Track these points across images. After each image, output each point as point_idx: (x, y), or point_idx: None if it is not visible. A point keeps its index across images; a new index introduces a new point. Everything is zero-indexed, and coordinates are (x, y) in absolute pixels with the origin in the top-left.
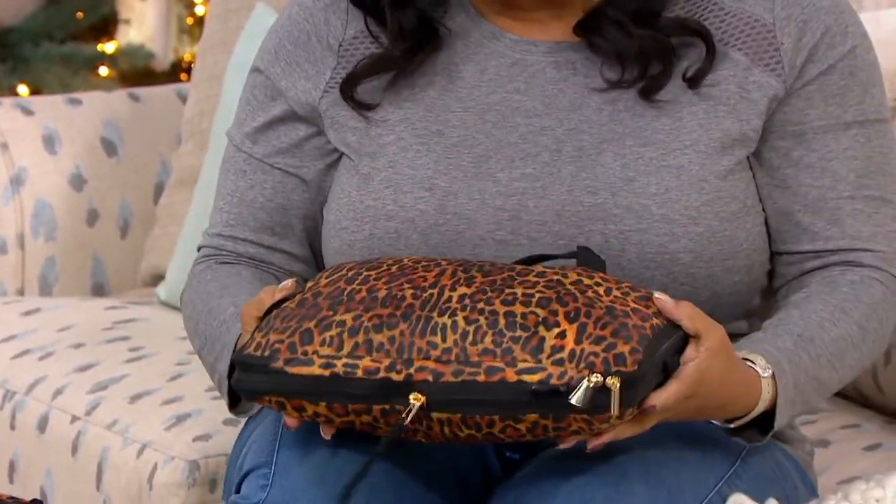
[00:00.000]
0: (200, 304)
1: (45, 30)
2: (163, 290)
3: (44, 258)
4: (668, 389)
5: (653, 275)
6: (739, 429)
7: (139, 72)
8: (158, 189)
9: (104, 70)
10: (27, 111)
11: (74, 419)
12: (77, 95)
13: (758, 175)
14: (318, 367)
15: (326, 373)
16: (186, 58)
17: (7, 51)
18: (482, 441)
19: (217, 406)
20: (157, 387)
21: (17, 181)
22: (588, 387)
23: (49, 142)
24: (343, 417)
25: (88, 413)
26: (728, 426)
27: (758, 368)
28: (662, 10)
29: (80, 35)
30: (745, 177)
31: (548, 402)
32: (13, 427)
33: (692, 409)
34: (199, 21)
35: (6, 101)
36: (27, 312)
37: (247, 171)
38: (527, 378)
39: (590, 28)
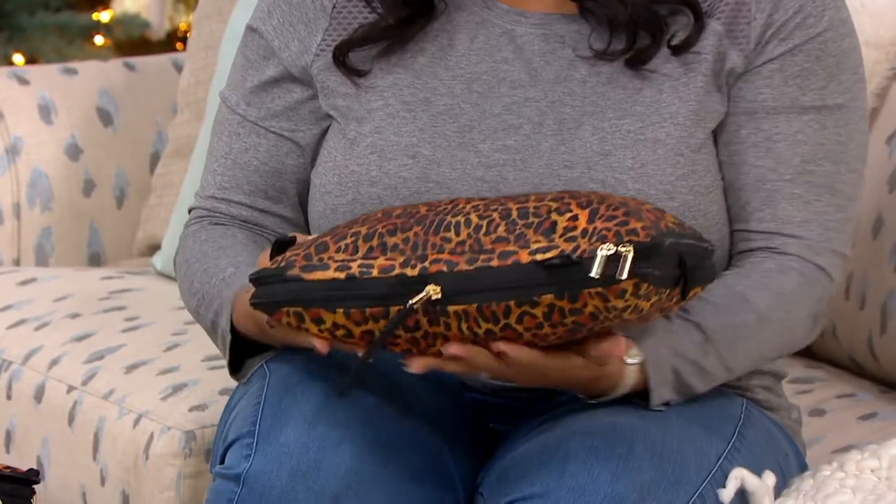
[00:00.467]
0: (196, 264)
1: None
2: (159, 260)
3: (40, 228)
4: (531, 353)
5: None
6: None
7: (134, 41)
8: (154, 158)
9: (100, 39)
10: (23, 80)
11: (71, 389)
12: (73, 65)
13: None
14: (334, 271)
15: (342, 275)
16: (182, 27)
17: (2, 20)
18: (500, 339)
19: (213, 376)
20: (154, 357)
21: (13, 151)
22: (601, 256)
23: (45, 111)
24: (362, 326)
25: (85, 383)
26: (590, 401)
27: (626, 356)
28: None
29: (76, 4)
30: (713, 149)
31: (562, 277)
32: (9, 397)
33: (547, 381)
34: None
35: (1, 71)
36: (23, 282)
37: (241, 134)
38: (540, 257)
39: None
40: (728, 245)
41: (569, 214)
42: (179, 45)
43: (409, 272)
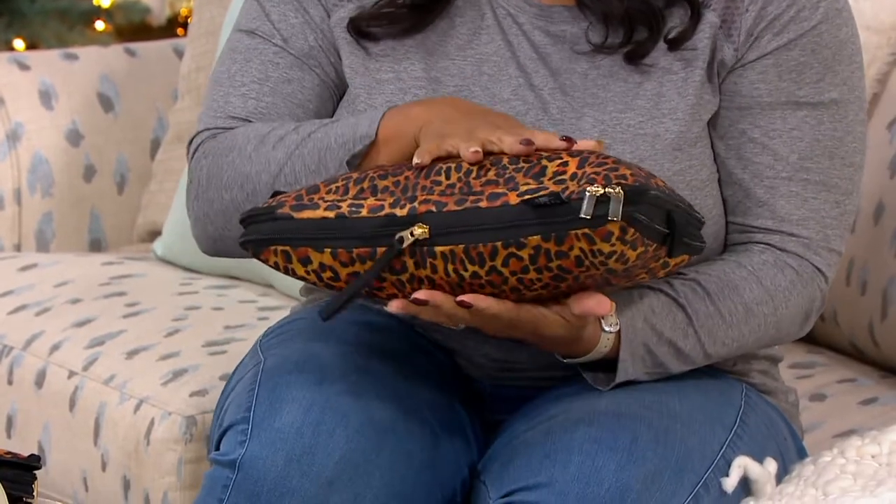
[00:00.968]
0: (269, 126)
1: None
2: (159, 246)
3: (41, 214)
4: (498, 304)
5: None
6: (584, 366)
7: (135, 26)
8: (155, 144)
9: (100, 25)
10: (23, 66)
11: (72, 374)
12: (73, 50)
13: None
14: (324, 210)
15: (331, 214)
16: (183, 12)
17: (3, 5)
18: (485, 284)
19: (214, 361)
20: (154, 342)
21: (14, 136)
22: (590, 195)
23: (45, 97)
24: (348, 267)
25: (85, 368)
26: (562, 360)
27: (604, 325)
28: None
29: None
30: (709, 142)
31: (549, 217)
32: (10, 382)
33: (518, 333)
34: None
35: (2, 56)
36: (24, 268)
37: (280, 64)
38: (528, 198)
39: None
40: (723, 237)
41: (559, 161)
42: (180, 31)
43: (398, 212)
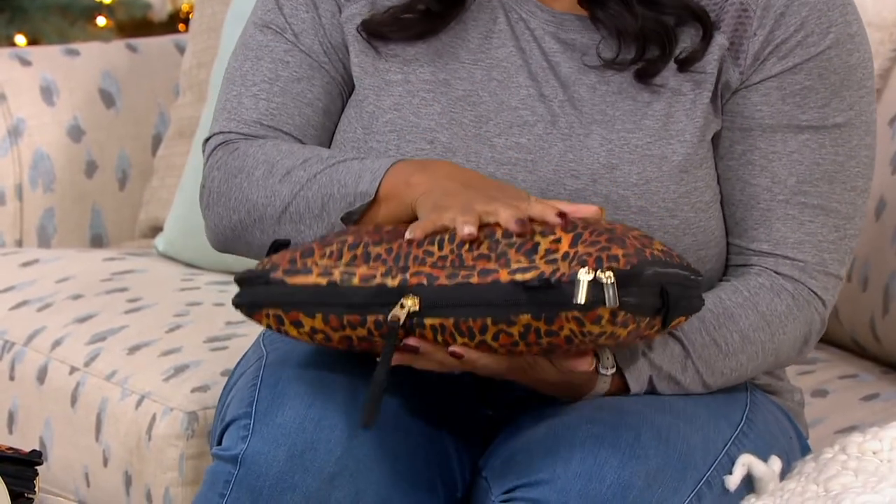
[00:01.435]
0: (277, 152)
1: None
2: (161, 242)
3: (42, 209)
4: (488, 358)
5: None
6: None
7: (137, 22)
8: (156, 140)
9: (102, 20)
10: (25, 62)
11: (73, 370)
12: (75, 46)
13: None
14: (316, 276)
15: (324, 281)
16: (184, 8)
17: (5, 1)
18: (475, 352)
19: (215, 357)
20: (156, 338)
21: (15, 132)
22: (582, 281)
23: (47, 93)
24: (340, 332)
25: (87, 364)
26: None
27: (600, 367)
28: None
29: None
30: (713, 163)
31: (539, 299)
32: (12, 378)
33: (511, 376)
34: None
35: (4, 52)
36: (26, 263)
37: (290, 63)
38: (519, 277)
39: (594, 0)
40: (725, 257)
41: (552, 237)
42: (182, 27)
43: (390, 282)
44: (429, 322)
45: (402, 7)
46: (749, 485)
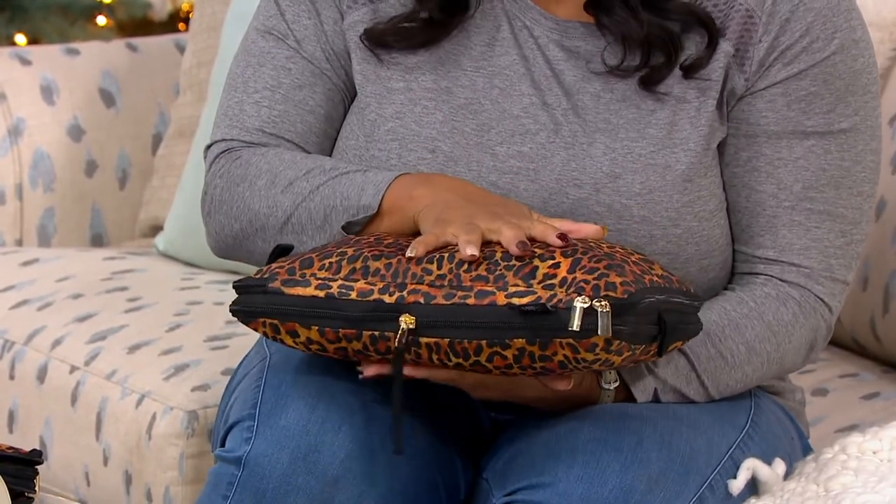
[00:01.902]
0: (280, 161)
1: None
2: (161, 241)
3: (42, 209)
4: (471, 376)
5: None
6: None
7: (137, 22)
8: (157, 140)
9: (102, 20)
10: (25, 61)
11: (73, 369)
12: (75, 45)
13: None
14: (314, 288)
15: (321, 294)
16: (184, 8)
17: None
18: (469, 372)
19: (215, 356)
20: (156, 337)
21: (16, 132)
22: (578, 308)
23: (47, 92)
24: (335, 344)
25: (87, 363)
26: None
27: (602, 382)
28: None
29: None
30: (718, 171)
31: (535, 323)
32: (12, 377)
33: (501, 394)
34: None
35: (4, 51)
36: (26, 263)
37: (292, 70)
38: (516, 301)
39: (600, 6)
40: (730, 265)
41: (551, 262)
42: (182, 26)
43: (387, 299)
44: (424, 340)
45: (405, 16)
46: (752, 487)
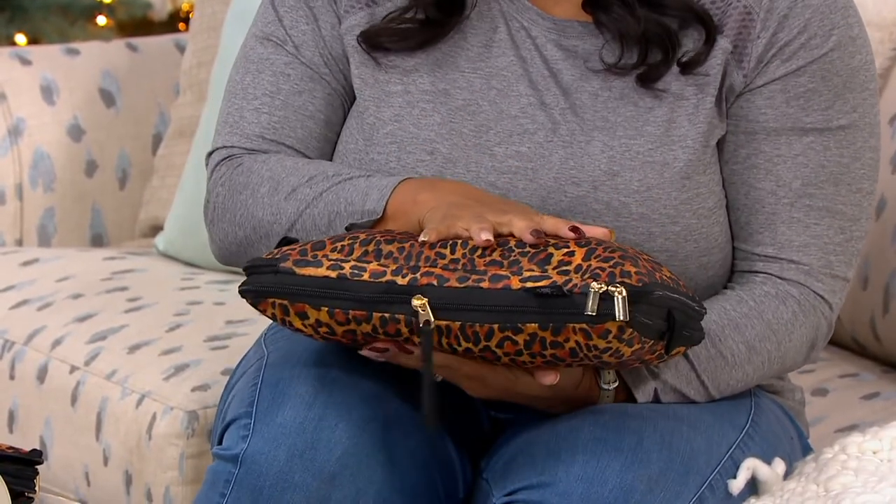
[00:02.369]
0: (282, 168)
1: None
2: (161, 241)
3: (42, 209)
4: (468, 366)
5: None
6: None
7: (137, 21)
8: (157, 140)
9: (102, 20)
10: (25, 61)
11: (73, 369)
12: (75, 45)
13: None
14: (326, 269)
15: (333, 274)
16: (184, 8)
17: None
18: (477, 359)
19: (215, 356)
20: (156, 337)
21: (16, 132)
22: (593, 292)
23: (47, 92)
24: (344, 326)
25: (87, 363)
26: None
27: (601, 382)
28: None
29: None
30: (717, 168)
31: (548, 308)
32: (12, 377)
33: (497, 393)
34: None
35: (4, 51)
36: (26, 263)
37: (291, 76)
38: (530, 285)
39: (598, 4)
40: (730, 262)
41: (565, 250)
42: (182, 26)
43: (399, 280)
44: (435, 323)
45: (401, 11)
46: (752, 487)
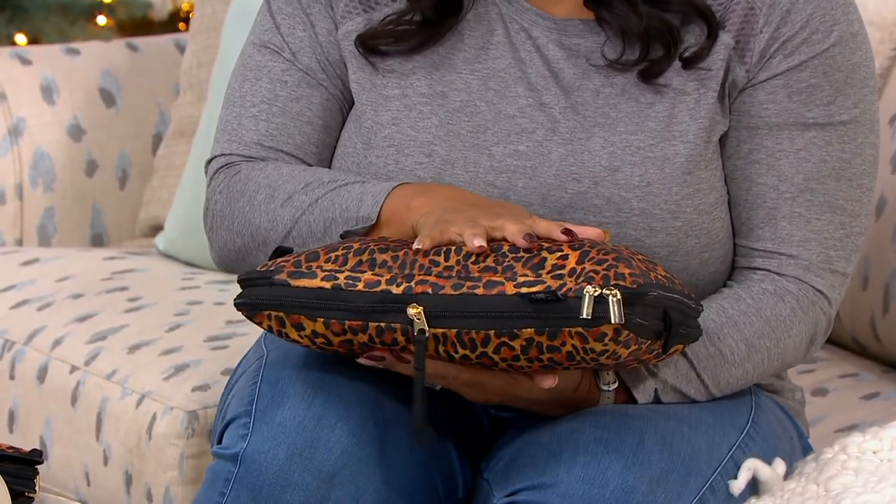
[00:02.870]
0: (279, 175)
1: None
2: (161, 241)
3: (42, 209)
4: (466, 373)
5: None
6: None
7: (137, 21)
8: (157, 140)
9: (102, 19)
10: (25, 61)
11: (74, 369)
12: (75, 45)
13: None
14: (321, 280)
15: (328, 285)
16: (185, 7)
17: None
18: (475, 365)
19: (216, 356)
20: (156, 337)
21: (16, 131)
22: (588, 296)
23: (47, 92)
24: (341, 336)
25: (87, 363)
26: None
27: (601, 384)
28: None
29: None
30: (720, 164)
31: (544, 312)
32: (12, 377)
33: (496, 397)
34: None
35: (4, 51)
36: (26, 263)
37: (288, 82)
38: (525, 290)
39: (599, 1)
40: (731, 259)
41: (559, 253)
42: (182, 26)
43: (394, 290)
44: (431, 332)
45: (398, 14)
46: (753, 488)
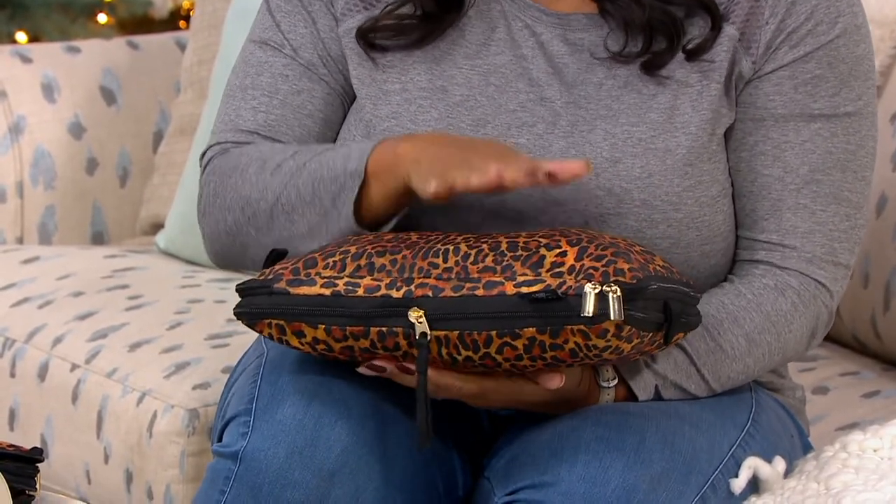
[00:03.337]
0: (271, 149)
1: None
2: (162, 239)
3: (43, 207)
4: (471, 384)
5: None
6: None
7: (138, 19)
8: (157, 138)
9: (103, 17)
10: (26, 59)
11: (74, 367)
12: (76, 43)
13: None
14: (320, 287)
15: (328, 292)
16: (185, 5)
17: None
18: (478, 367)
19: (216, 354)
20: (157, 335)
21: (16, 130)
22: (589, 294)
23: (48, 90)
24: (342, 342)
25: (88, 361)
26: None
27: (600, 381)
28: None
29: None
30: (723, 157)
31: (545, 311)
32: (13, 375)
33: (497, 402)
34: None
35: (5, 49)
36: (26, 261)
37: (290, 76)
38: (525, 290)
39: None
40: (733, 252)
41: (557, 250)
42: (182, 24)
43: (394, 294)
44: (433, 334)
45: (398, 4)
46: (753, 486)
